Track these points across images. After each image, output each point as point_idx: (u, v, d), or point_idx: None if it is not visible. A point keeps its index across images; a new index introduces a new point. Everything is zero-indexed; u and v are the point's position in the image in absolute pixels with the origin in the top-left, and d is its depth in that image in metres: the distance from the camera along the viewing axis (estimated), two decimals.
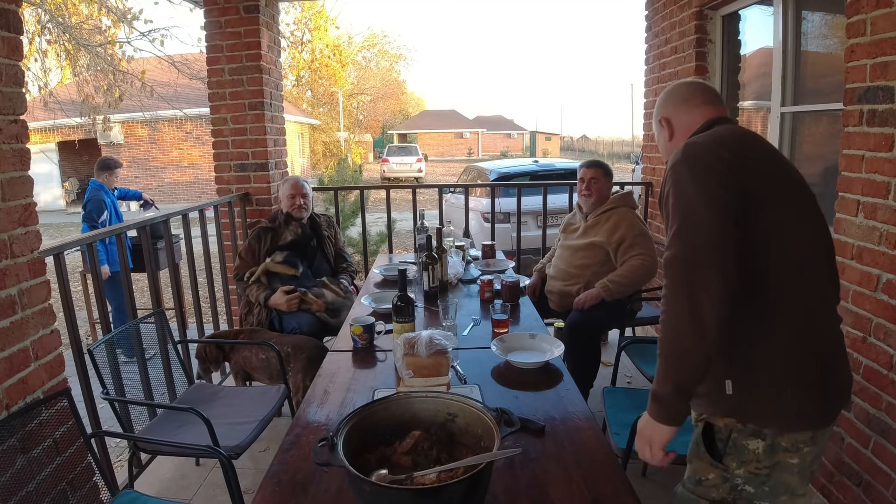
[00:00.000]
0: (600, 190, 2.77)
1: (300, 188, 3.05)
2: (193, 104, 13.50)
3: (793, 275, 1.13)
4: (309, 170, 23.54)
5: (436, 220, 4.07)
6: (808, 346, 1.13)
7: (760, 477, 1.17)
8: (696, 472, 1.26)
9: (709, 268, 1.03)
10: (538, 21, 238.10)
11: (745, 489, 1.19)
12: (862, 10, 1.81)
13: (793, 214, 1.15)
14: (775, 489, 1.18)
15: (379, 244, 6.50)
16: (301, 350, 2.44)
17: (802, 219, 1.17)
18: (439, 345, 1.51)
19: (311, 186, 3.17)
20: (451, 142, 39.61)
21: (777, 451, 1.15)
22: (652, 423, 1.13)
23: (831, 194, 2.02)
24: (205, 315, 3.17)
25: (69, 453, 1.74)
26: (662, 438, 1.12)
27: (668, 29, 3.44)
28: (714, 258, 1.04)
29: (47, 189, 16.25)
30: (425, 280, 2.37)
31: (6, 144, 1.63)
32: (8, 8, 1.63)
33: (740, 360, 1.15)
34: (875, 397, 1.81)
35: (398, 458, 1.11)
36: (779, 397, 1.12)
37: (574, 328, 2.58)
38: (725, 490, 1.21)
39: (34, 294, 1.73)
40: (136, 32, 7.72)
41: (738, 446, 1.18)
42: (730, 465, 1.19)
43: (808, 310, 1.14)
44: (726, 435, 1.19)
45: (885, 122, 1.74)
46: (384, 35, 33.49)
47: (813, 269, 1.16)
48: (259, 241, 2.93)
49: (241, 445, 1.89)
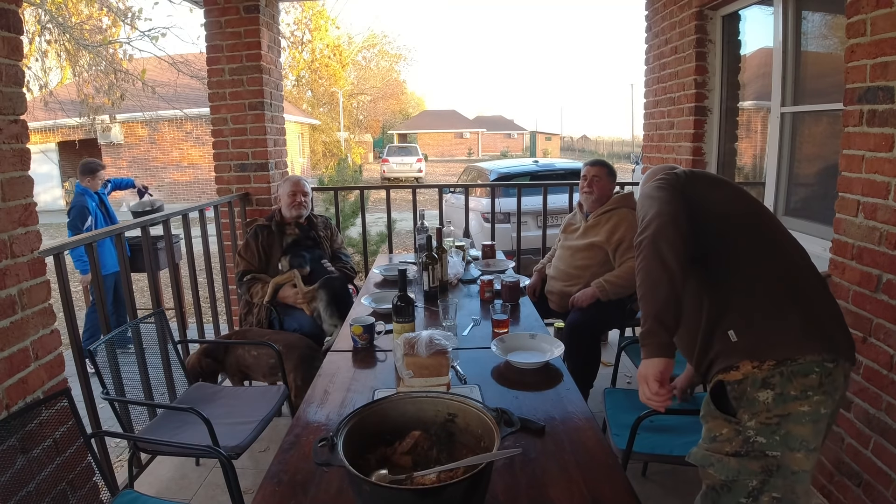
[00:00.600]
0: (602, 188, 2.76)
1: (301, 186, 3.06)
2: (193, 104, 13.49)
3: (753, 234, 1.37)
4: (309, 170, 23.53)
5: (436, 220, 4.07)
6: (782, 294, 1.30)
7: (771, 427, 1.22)
8: (710, 431, 1.31)
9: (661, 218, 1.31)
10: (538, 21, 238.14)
11: (757, 440, 1.23)
12: (862, 10, 1.81)
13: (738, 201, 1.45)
14: (787, 440, 1.22)
15: (379, 244, 6.50)
16: (293, 349, 2.44)
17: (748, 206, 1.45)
18: (439, 345, 1.51)
19: (311, 186, 3.18)
20: (451, 142, 39.61)
21: (787, 400, 1.21)
22: (644, 363, 1.29)
23: (831, 194, 2.02)
24: (205, 315, 3.17)
25: (69, 453, 1.73)
26: (656, 370, 1.26)
27: (669, 29, 3.44)
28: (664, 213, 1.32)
29: (47, 189, 16.25)
30: (425, 280, 2.37)
31: (6, 144, 1.63)
32: (8, 8, 1.63)
33: (733, 311, 1.30)
34: (875, 397, 1.81)
35: (398, 458, 1.11)
36: (778, 324, 1.26)
37: (574, 328, 2.58)
38: (738, 443, 1.25)
39: (34, 294, 1.73)
40: (137, 32, 7.73)
41: (749, 399, 1.24)
42: (742, 417, 1.25)
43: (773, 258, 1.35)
44: (739, 391, 1.26)
45: (885, 122, 1.74)
46: (384, 35, 33.51)
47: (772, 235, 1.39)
48: (257, 238, 2.93)
49: (241, 445, 1.89)
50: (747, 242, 1.37)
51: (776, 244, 1.38)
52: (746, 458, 1.24)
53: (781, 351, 1.23)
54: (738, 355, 1.26)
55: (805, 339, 1.24)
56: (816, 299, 1.32)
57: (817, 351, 1.22)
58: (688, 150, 3.31)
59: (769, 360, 1.22)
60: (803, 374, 1.21)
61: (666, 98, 3.55)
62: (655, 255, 1.28)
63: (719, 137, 3.25)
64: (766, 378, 1.22)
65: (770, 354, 1.23)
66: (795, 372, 1.21)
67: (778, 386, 1.22)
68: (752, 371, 1.24)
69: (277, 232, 2.97)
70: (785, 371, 1.22)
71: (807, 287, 1.33)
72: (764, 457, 1.23)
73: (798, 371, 1.21)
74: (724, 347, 1.30)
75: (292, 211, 3.01)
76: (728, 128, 3.24)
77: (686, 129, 3.32)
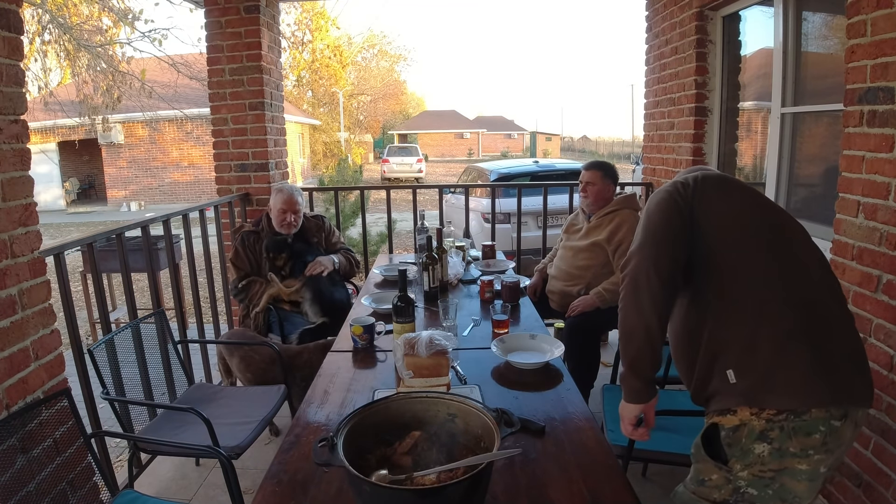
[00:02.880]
0: (597, 193, 2.75)
1: (293, 204, 2.86)
2: (193, 104, 13.50)
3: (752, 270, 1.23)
4: (309, 170, 23.54)
5: (436, 220, 4.07)
6: (791, 328, 1.17)
7: (765, 480, 1.17)
8: (699, 473, 1.26)
9: (642, 258, 1.25)
10: (538, 21, 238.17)
11: (748, 491, 1.18)
12: (862, 10, 1.81)
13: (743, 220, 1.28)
14: (781, 494, 1.16)
15: (379, 244, 6.50)
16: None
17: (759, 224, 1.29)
18: (439, 345, 1.51)
19: (314, 185, 3.12)
20: (451, 142, 39.60)
21: (784, 456, 1.15)
22: (622, 404, 1.33)
23: (832, 195, 2.02)
24: (205, 315, 3.17)
25: (69, 453, 1.74)
26: (630, 414, 1.31)
27: (669, 29, 3.44)
28: (647, 250, 1.24)
29: (47, 189, 16.26)
30: (425, 280, 2.37)
31: (6, 144, 1.63)
32: (8, 8, 1.63)
33: (734, 347, 1.21)
34: (875, 398, 1.80)
35: (398, 458, 1.11)
36: (782, 367, 1.15)
37: (574, 329, 2.58)
38: (728, 492, 1.20)
39: (34, 294, 1.73)
40: (137, 33, 7.73)
41: (744, 449, 1.17)
42: (734, 466, 1.19)
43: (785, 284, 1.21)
44: (735, 439, 1.19)
45: (885, 122, 1.74)
46: (384, 35, 33.49)
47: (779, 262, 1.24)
48: (244, 245, 2.88)
49: (241, 445, 1.89)
50: (755, 265, 1.23)
51: (792, 267, 1.22)
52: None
53: (784, 401, 1.14)
54: (735, 399, 1.18)
55: (812, 389, 1.13)
56: (836, 334, 1.19)
57: (824, 404, 1.13)
58: (688, 151, 3.31)
59: (769, 408, 1.14)
60: (805, 433, 1.13)
61: (666, 98, 3.55)
62: (634, 302, 1.25)
63: (720, 138, 3.25)
64: (764, 430, 1.15)
65: (771, 403, 1.14)
66: (797, 429, 1.13)
67: (777, 441, 1.14)
68: (749, 418, 1.16)
69: (267, 234, 2.91)
70: (786, 426, 1.13)
71: (825, 319, 1.19)
72: None
73: (800, 429, 1.13)
74: (722, 387, 1.21)
75: (282, 228, 2.88)
76: (728, 128, 3.24)
77: (686, 130, 3.32)
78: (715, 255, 1.25)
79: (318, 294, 2.80)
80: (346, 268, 3.04)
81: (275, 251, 2.83)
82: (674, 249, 1.24)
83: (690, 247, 1.26)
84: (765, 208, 1.31)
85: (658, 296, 1.22)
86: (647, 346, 1.24)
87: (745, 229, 1.26)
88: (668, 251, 1.24)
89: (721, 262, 1.25)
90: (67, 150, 16.94)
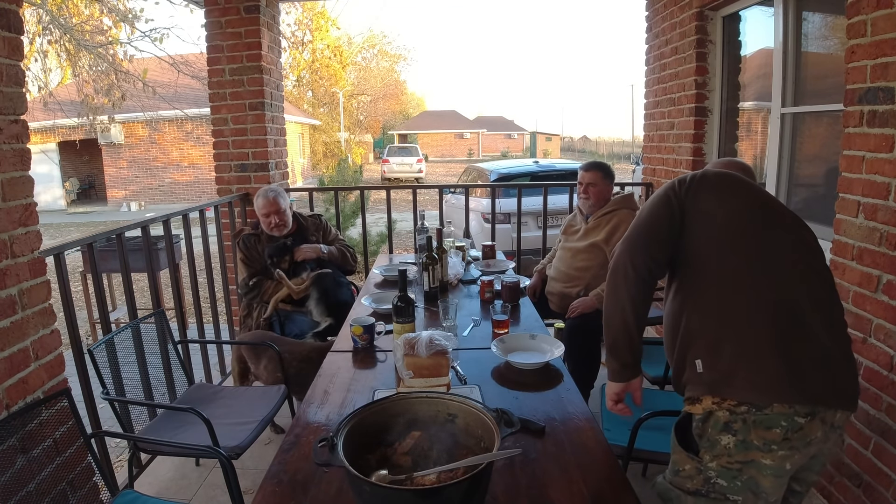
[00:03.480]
0: (598, 193, 2.76)
1: (274, 205, 2.83)
2: (194, 104, 13.50)
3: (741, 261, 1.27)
4: (309, 170, 23.54)
5: (436, 220, 4.07)
6: (760, 327, 1.21)
7: (732, 472, 1.20)
8: (675, 464, 1.30)
9: (623, 251, 1.34)
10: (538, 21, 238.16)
11: (717, 482, 1.21)
12: (862, 10, 1.81)
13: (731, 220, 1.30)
14: (750, 486, 1.19)
15: (379, 244, 6.50)
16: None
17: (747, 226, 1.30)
18: (439, 345, 1.51)
19: (314, 185, 3.13)
20: (451, 142, 39.61)
21: (749, 448, 1.18)
22: (607, 382, 1.45)
23: (832, 195, 2.02)
24: (205, 315, 3.17)
25: (69, 453, 1.74)
26: (611, 391, 1.42)
27: (669, 30, 3.44)
28: (625, 256, 1.34)
29: (47, 189, 16.27)
30: (425, 280, 2.37)
31: (7, 144, 1.63)
32: (8, 8, 1.63)
33: (706, 338, 1.26)
34: (875, 398, 1.81)
35: (398, 459, 1.11)
36: (748, 364, 1.19)
37: (574, 330, 2.57)
38: (699, 482, 1.24)
39: (34, 294, 1.73)
40: (138, 33, 7.73)
41: (711, 440, 1.22)
42: (704, 457, 1.23)
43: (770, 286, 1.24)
44: (701, 430, 1.24)
45: (885, 122, 1.74)
46: (384, 35, 33.46)
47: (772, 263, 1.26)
48: (247, 247, 2.88)
49: (241, 445, 1.89)
50: (740, 265, 1.25)
51: (771, 270, 1.24)
52: (706, 499, 1.22)
53: (744, 394, 1.17)
54: (701, 388, 1.24)
55: (773, 385, 1.16)
56: (810, 337, 1.20)
57: (788, 401, 1.14)
58: (688, 151, 3.31)
59: (730, 399, 1.18)
60: (766, 427, 1.15)
61: (666, 98, 3.55)
62: (613, 292, 1.36)
63: (720, 138, 3.25)
64: (728, 422, 1.18)
65: (731, 394, 1.18)
66: (758, 422, 1.16)
67: (740, 433, 1.17)
68: (712, 406, 1.20)
69: (267, 239, 2.91)
70: (748, 419, 1.16)
71: (799, 321, 1.20)
72: (724, 500, 1.20)
73: (761, 422, 1.15)
74: (692, 376, 1.27)
75: (272, 231, 2.88)
76: (728, 128, 3.24)
77: (686, 130, 3.32)
78: (695, 250, 1.31)
79: (323, 294, 2.79)
80: (338, 259, 3.02)
81: (278, 255, 2.84)
82: (655, 245, 1.32)
83: (678, 241, 1.32)
84: (764, 210, 1.31)
85: (633, 287, 1.32)
86: (624, 333, 1.35)
87: (729, 230, 1.28)
88: (649, 246, 1.33)
89: (700, 257, 1.30)
90: (67, 150, 16.95)
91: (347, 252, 3.11)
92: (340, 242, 3.16)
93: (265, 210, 2.86)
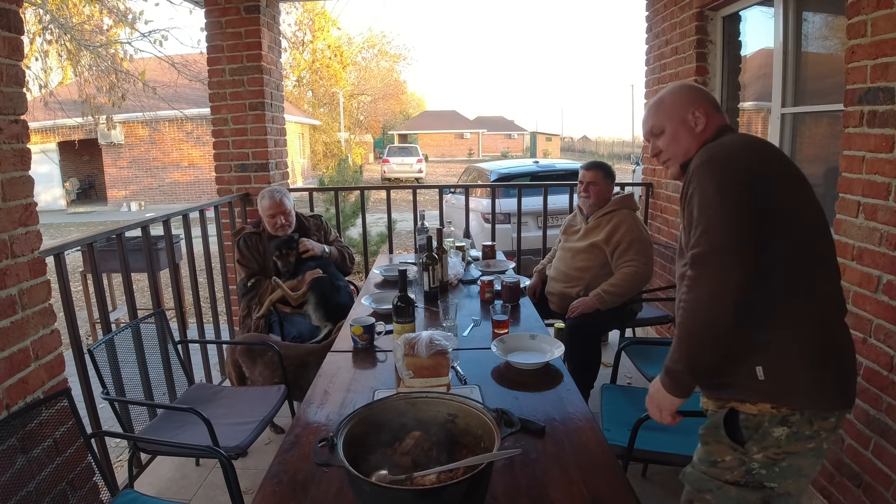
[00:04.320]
0: (599, 193, 2.76)
1: (280, 206, 2.86)
2: (194, 104, 13.51)
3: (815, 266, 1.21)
4: (309, 170, 23.54)
5: (436, 220, 4.07)
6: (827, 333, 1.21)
7: (776, 461, 1.21)
8: (711, 454, 1.28)
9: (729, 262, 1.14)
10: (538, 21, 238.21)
11: (759, 472, 1.22)
12: (862, 11, 1.81)
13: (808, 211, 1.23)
14: (786, 472, 1.21)
15: (379, 244, 6.51)
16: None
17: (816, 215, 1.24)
18: (439, 345, 1.51)
19: (314, 185, 3.14)
20: (451, 142, 39.61)
21: (800, 439, 1.19)
22: (663, 393, 1.28)
23: (832, 195, 2.02)
24: (205, 315, 3.17)
25: (69, 453, 1.74)
26: (672, 407, 1.28)
27: (669, 30, 3.44)
28: (732, 253, 1.14)
29: (48, 189, 16.27)
30: (425, 280, 2.37)
31: (7, 144, 1.63)
32: (8, 8, 1.63)
33: (768, 349, 1.20)
34: (875, 398, 1.81)
35: (398, 459, 1.10)
36: (806, 379, 1.18)
37: (574, 329, 2.57)
38: (740, 473, 1.23)
39: (34, 294, 1.73)
40: (137, 33, 7.74)
41: (763, 432, 1.21)
42: (750, 449, 1.22)
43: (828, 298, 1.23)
44: (755, 423, 1.21)
45: (885, 122, 1.74)
46: (384, 35, 33.44)
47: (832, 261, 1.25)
48: (247, 246, 2.89)
49: (241, 445, 1.89)
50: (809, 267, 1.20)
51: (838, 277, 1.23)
52: (747, 489, 1.22)
53: (803, 406, 1.18)
54: (759, 395, 1.21)
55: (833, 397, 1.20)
56: (850, 344, 1.25)
57: (838, 408, 1.21)
58: None
59: (787, 406, 1.19)
60: (822, 418, 1.19)
61: None
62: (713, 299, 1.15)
63: None
64: (786, 416, 1.19)
65: (790, 404, 1.19)
66: (816, 416, 1.19)
67: (795, 425, 1.19)
68: (769, 410, 1.20)
69: (269, 238, 2.92)
70: (806, 413, 1.19)
71: (843, 329, 1.24)
72: (762, 488, 1.22)
73: (818, 416, 1.19)
74: (748, 381, 1.21)
75: (276, 231, 2.89)
76: None
77: None
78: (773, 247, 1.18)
79: (321, 298, 2.79)
80: (338, 259, 3.05)
81: (286, 248, 2.85)
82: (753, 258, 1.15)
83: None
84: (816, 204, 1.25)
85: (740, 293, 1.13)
86: (716, 348, 1.19)
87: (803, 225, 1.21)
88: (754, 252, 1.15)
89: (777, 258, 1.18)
90: (67, 150, 16.95)
91: (345, 253, 3.12)
92: (339, 244, 3.17)
93: (272, 211, 2.87)
